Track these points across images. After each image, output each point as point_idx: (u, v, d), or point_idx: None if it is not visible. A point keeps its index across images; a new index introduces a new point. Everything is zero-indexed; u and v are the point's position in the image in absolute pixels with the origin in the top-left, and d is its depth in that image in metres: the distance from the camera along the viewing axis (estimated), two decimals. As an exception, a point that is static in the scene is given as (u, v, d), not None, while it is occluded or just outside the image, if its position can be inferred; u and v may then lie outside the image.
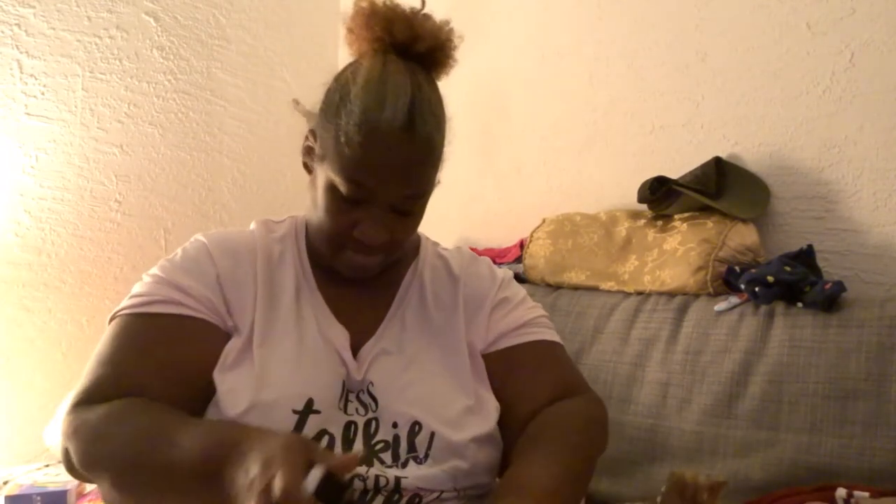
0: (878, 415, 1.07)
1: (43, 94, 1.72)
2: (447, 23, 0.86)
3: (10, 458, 1.65)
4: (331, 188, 0.83)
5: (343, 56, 2.41)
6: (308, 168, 0.91)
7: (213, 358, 0.83)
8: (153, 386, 0.79)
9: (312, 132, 0.89)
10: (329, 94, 0.87)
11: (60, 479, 1.46)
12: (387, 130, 0.79)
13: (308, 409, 0.81)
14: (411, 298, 0.96)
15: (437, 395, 0.88)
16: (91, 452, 0.76)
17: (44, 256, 1.73)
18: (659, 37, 1.63)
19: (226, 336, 0.86)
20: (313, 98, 0.90)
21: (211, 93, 2.04)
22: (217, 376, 0.82)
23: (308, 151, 0.91)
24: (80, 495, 1.43)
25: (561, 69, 1.82)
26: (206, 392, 0.82)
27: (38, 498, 1.36)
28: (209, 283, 0.86)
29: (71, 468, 0.79)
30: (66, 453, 0.78)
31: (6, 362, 1.67)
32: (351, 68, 0.86)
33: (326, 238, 0.87)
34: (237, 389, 0.80)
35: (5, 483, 1.45)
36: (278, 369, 0.83)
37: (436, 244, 1.04)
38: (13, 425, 1.68)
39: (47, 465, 1.57)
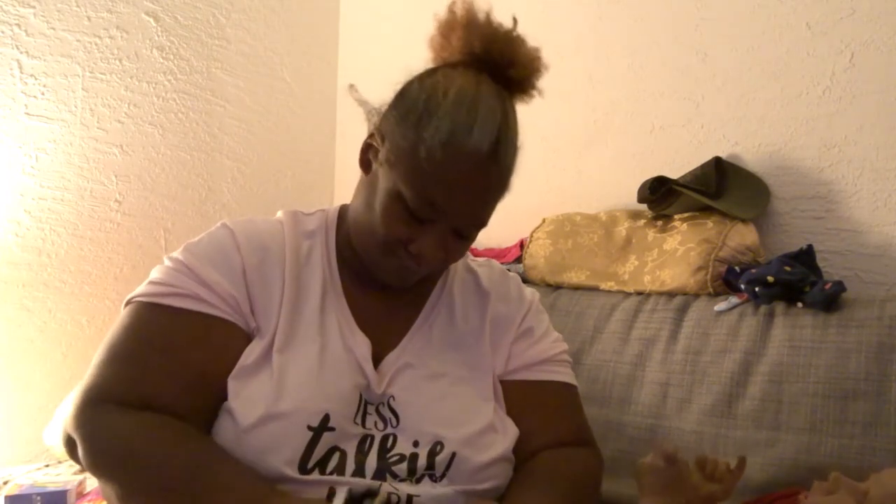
0: (878, 415, 1.07)
1: (43, 94, 1.72)
2: (538, 51, 0.84)
3: (10, 458, 1.65)
4: (396, 197, 0.80)
5: (343, 56, 2.42)
6: (365, 167, 0.87)
7: (232, 361, 0.80)
8: (169, 389, 0.77)
9: (380, 132, 0.84)
10: (410, 98, 0.82)
11: (60, 479, 1.45)
12: (471, 156, 0.77)
13: (323, 426, 0.78)
14: (439, 312, 0.94)
15: (461, 414, 0.86)
16: (105, 465, 0.75)
17: (44, 256, 1.73)
18: (659, 37, 1.63)
19: (247, 337, 0.83)
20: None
21: (211, 93, 2.04)
22: (232, 383, 0.79)
23: (370, 150, 0.86)
24: (80, 495, 1.43)
25: (561, 69, 1.82)
26: (223, 395, 0.79)
27: (38, 498, 1.36)
28: (235, 279, 0.83)
29: (74, 457, 0.78)
30: (72, 446, 0.77)
31: (6, 362, 1.67)
32: (442, 76, 0.82)
33: (378, 243, 0.84)
34: (253, 398, 0.78)
35: (5, 483, 1.45)
36: (297, 379, 0.80)
37: (465, 255, 1.01)
38: (13, 425, 1.68)
39: (47, 465, 1.57)
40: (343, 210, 0.95)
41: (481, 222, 0.85)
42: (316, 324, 0.85)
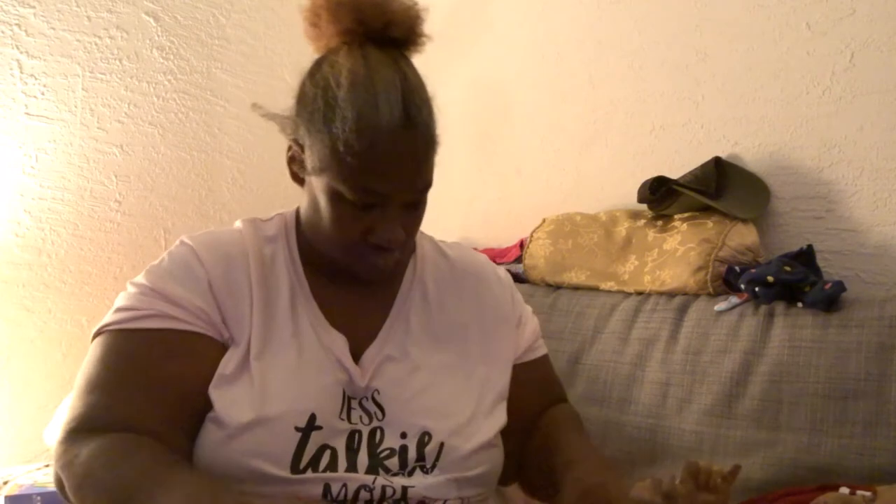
0: (878, 415, 1.07)
1: (43, 94, 1.72)
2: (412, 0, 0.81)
3: (10, 458, 1.66)
4: (337, 198, 0.79)
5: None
6: (297, 180, 0.87)
7: (209, 373, 0.80)
8: (147, 411, 0.76)
9: (297, 142, 0.84)
10: (308, 99, 0.81)
11: (60, 479, 1.46)
12: (388, 131, 0.75)
13: (310, 425, 0.79)
14: (413, 300, 0.93)
15: (447, 402, 0.87)
16: (79, 493, 0.74)
17: (44, 256, 1.73)
18: (659, 37, 1.63)
19: (221, 347, 0.82)
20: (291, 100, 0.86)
21: (211, 93, 2.04)
22: (213, 391, 0.79)
23: (296, 162, 0.86)
24: (80, 495, 1.43)
25: (561, 69, 1.82)
26: (204, 408, 0.79)
27: (38, 498, 1.36)
28: (201, 292, 0.82)
29: (64, 494, 0.77)
30: (60, 481, 0.76)
31: (6, 362, 1.67)
32: (328, 67, 0.80)
33: (341, 248, 0.84)
34: (237, 405, 0.78)
35: (5, 483, 1.45)
36: (278, 383, 0.80)
37: (432, 238, 1.01)
38: (13, 425, 1.68)
39: (47, 465, 1.57)
40: (300, 212, 0.94)
41: (425, 185, 0.83)
42: (289, 327, 0.84)
